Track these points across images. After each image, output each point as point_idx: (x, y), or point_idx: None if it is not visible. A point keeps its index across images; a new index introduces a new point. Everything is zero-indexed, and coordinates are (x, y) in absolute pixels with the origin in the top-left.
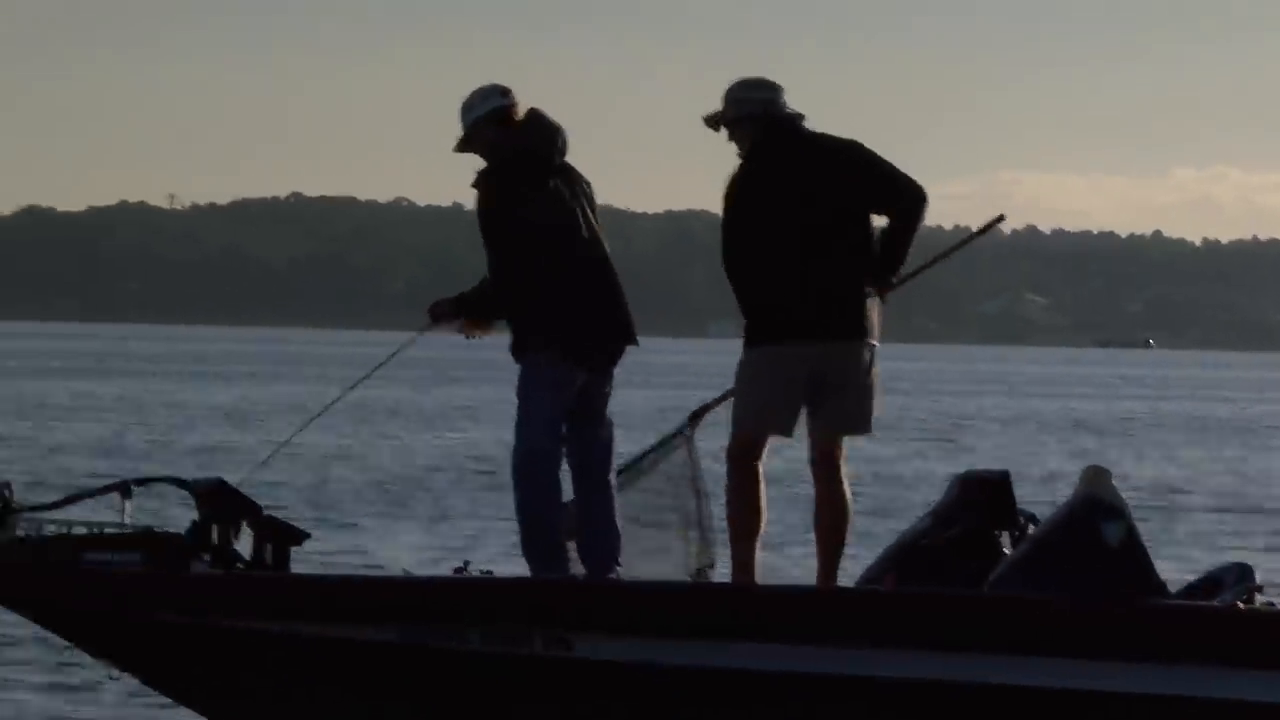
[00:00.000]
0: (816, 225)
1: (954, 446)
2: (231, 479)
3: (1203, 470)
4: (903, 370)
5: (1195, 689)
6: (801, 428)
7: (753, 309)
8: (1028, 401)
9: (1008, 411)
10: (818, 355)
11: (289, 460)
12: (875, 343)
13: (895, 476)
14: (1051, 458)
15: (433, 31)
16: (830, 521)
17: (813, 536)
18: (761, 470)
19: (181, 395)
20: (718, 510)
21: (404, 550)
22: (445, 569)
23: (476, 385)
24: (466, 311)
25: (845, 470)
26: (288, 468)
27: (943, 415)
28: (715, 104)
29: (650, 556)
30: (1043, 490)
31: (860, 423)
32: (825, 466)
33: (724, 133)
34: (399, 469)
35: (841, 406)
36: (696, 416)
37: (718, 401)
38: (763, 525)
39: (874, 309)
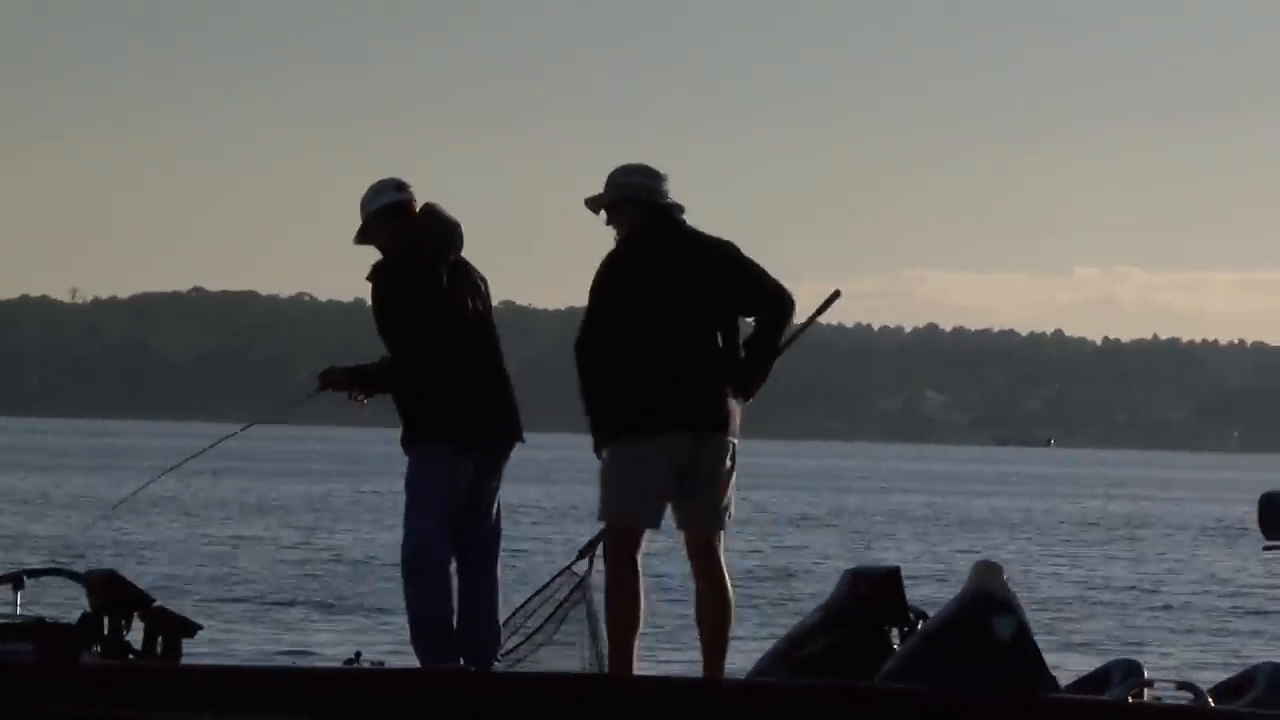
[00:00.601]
0: (686, 318)
1: (850, 540)
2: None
3: (1094, 567)
4: (799, 467)
5: None
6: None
7: (618, 400)
8: (921, 497)
9: (901, 506)
10: (688, 446)
11: (186, 549)
12: (736, 440)
13: (785, 570)
14: (943, 553)
15: (336, 126)
16: (713, 613)
17: (695, 629)
18: (639, 562)
19: (80, 486)
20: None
21: (293, 643)
22: (337, 660)
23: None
24: (360, 384)
25: (724, 560)
26: (185, 557)
27: (837, 511)
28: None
29: None
30: (935, 586)
31: (718, 518)
32: (704, 558)
33: (604, 217)
34: (299, 560)
35: (705, 501)
36: (589, 549)
37: (601, 536)
38: (643, 617)
39: (736, 409)
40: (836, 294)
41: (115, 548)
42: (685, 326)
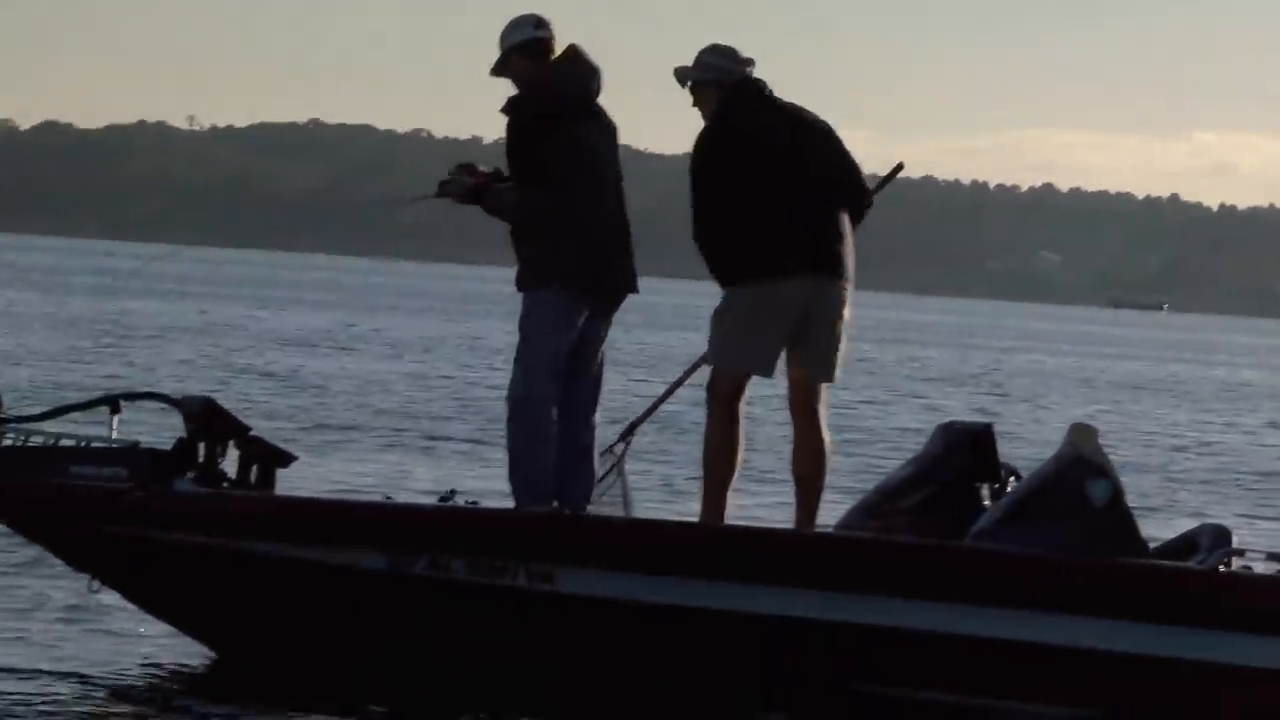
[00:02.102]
0: (798, 173)
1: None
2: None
3: (1192, 433)
4: (906, 320)
5: (1175, 650)
6: (780, 372)
7: (738, 249)
8: (1028, 357)
9: (1006, 366)
10: (807, 290)
11: (281, 380)
12: (850, 286)
13: (874, 428)
14: (1044, 413)
15: None
16: (808, 467)
17: (789, 480)
18: (742, 411)
19: (183, 315)
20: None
21: (390, 477)
22: (431, 498)
23: (469, 319)
24: (481, 201)
25: (825, 415)
26: (281, 388)
27: (936, 366)
28: (763, 26)
29: None
30: (1028, 446)
31: (830, 369)
32: (805, 411)
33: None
34: (391, 395)
35: (821, 349)
36: (628, 433)
37: (648, 414)
38: (738, 468)
39: (851, 252)
40: (899, 167)
41: (212, 374)
42: (793, 182)
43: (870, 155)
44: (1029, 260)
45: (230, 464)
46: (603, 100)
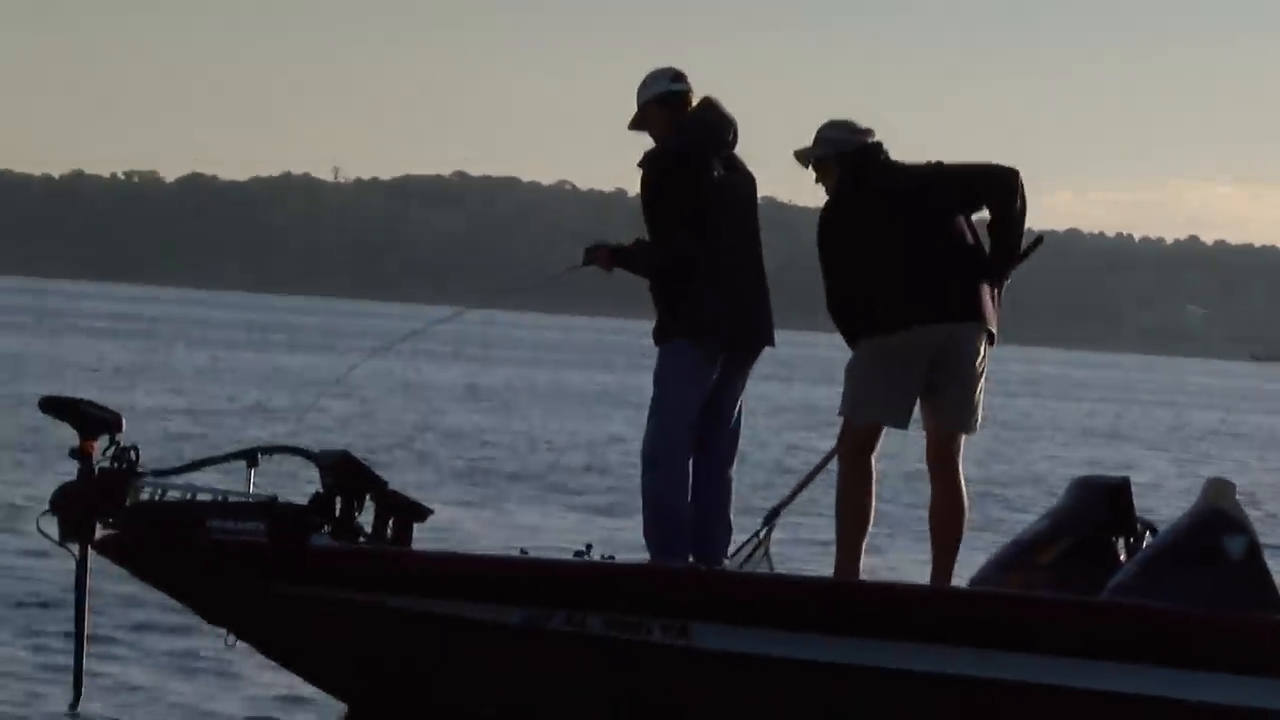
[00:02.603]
0: (920, 227)
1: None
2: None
3: None
4: (1051, 374)
5: None
6: (916, 424)
7: (869, 305)
8: (1165, 411)
9: (1142, 418)
10: (939, 338)
11: (423, 434)
12: (993, 329)
13: (1016, 476)
14: (1183, 468)
15: (604, 18)
16: (946, 521)
17: (925, 532)
18: (874, 466)
19: (321, 368)
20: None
21: (523, 531)
22: (566, 553)
23: (605, 370)
24: (623, 263)
25: (962, 468)
26: (421, 441)
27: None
28: (904, 75)
29: None
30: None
31: (969, 419)
32: (942, 463)
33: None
34: (526, 448)
35: (957, 398)
36: (773, 517)
37: (791, 497)
38: (871, 522)
39: (989, 298)
40: (1039, 240)
41: (345, 427)
42: (921, 233)
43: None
44: (1175, 314)
45: (367, 518)
46: (742, 152)
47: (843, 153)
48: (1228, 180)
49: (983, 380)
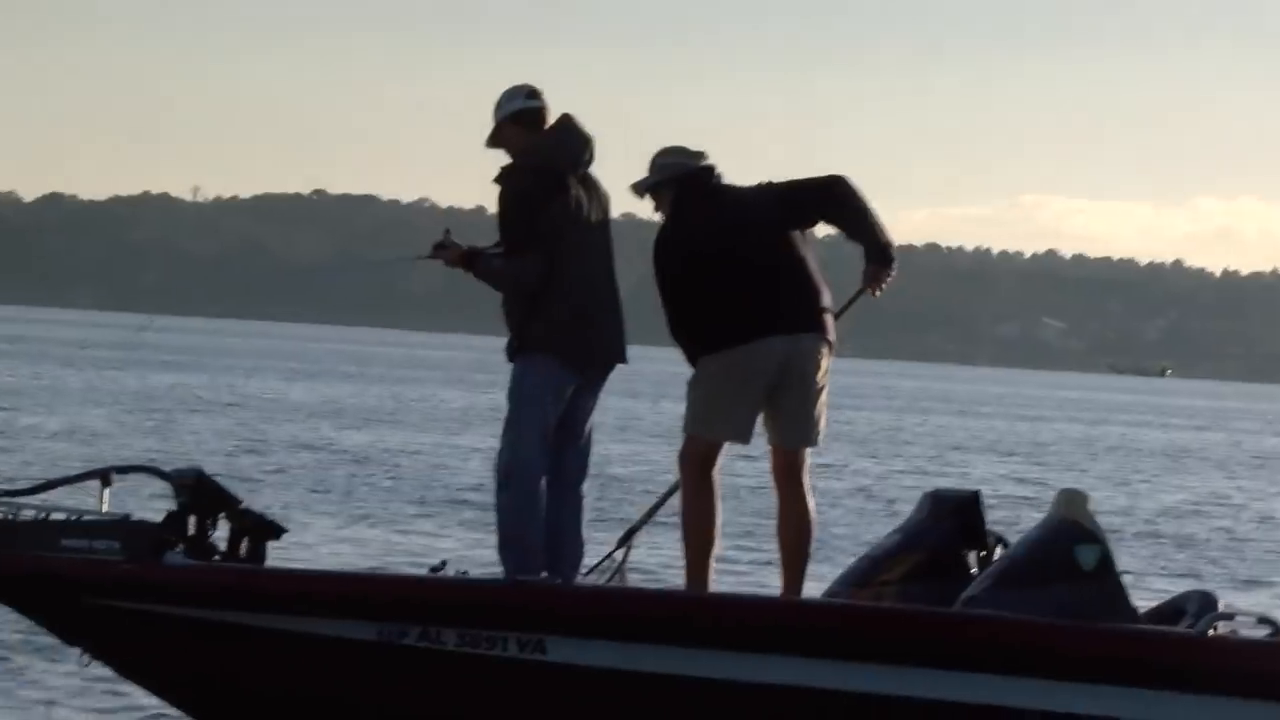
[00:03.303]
0: (754, 244)
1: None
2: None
3: (1182, 497)
4: (909, 388)
5: (1165, 715)
6: (760, 438)
7: (703, 324)
8: (1021, 424)
9: (997, 430)
10: (779, 351)
11: (274, 452)
12: (832, 339)
13: (878, 493)
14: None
15: (465, 34)
16: (794, 534)
17: (775, 548)
18: (718, 479)
19: (182, 386)
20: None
21: (378, 548)
22: (421, 568)
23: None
24: (473, 266)
25: (808, 481)
26: (272, 459)
27: (932, 432)
28: (763, 105)
29: None
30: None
31: (811, 432)
32: (788, 477)
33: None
34: (382, 465)
35: (799, 411)
36: (627, 538)
37: (647, 517)
38: (718, 536)
39: (827, 310)
40: (862, 290)
41: (204, 445)
42: (755, 251)
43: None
44: (1032, 327)
45: (222, 536)
46: (599, 170)
47: (675, 177)
48: (1086, 195)
49: (824, 392)
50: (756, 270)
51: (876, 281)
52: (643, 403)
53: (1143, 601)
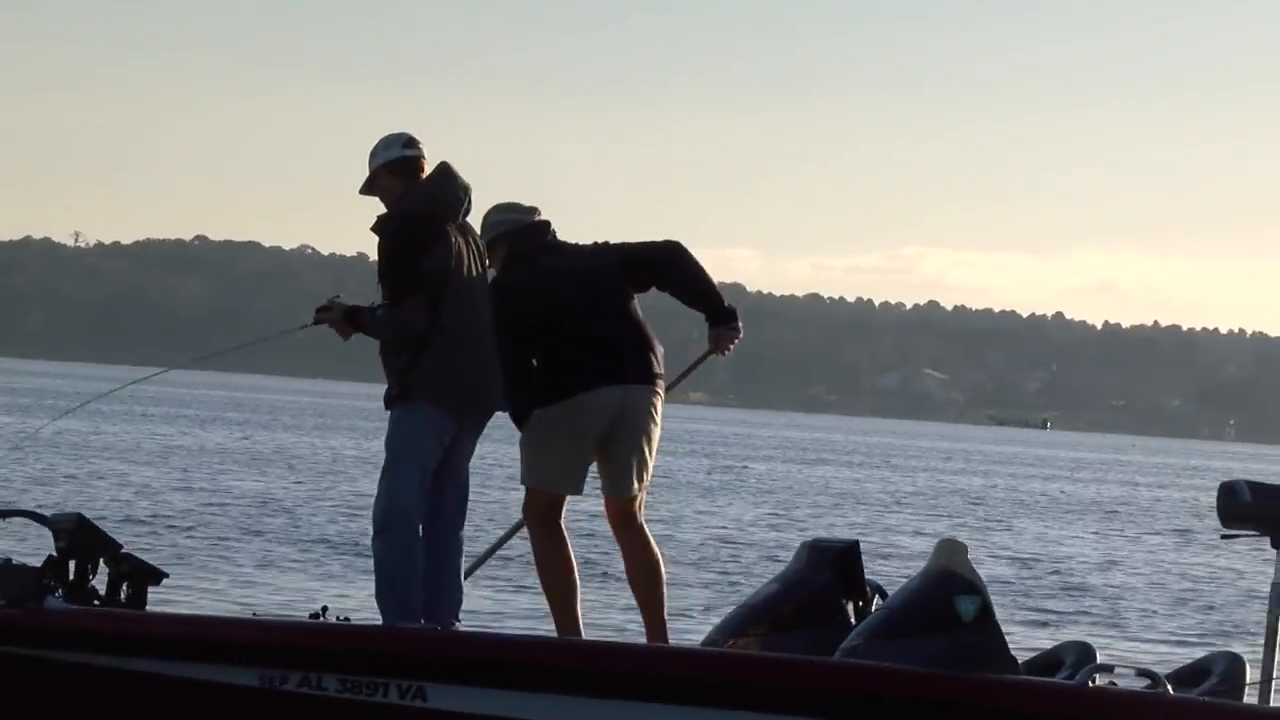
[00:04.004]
0: (585, 300)
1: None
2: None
3: (1064, 548)
4: (788, 438)
5: None
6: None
7: (547, 373)
8: (900, 474)
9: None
10: (611, 401)
11: (154, 497)
12: (662, 391)
13: (751, 541)
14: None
15: (345, 77)
16: (643, 579)
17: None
18: (564, 526)
19: (64, 431)
20: None
21: (262, 594)
22: (301, 614)
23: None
24: (356, 324)
25: (644, 522)
26: (152, 504)
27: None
28: (637, 150)
29: None
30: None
31: (629, 483)
32: (625, 525)
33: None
34: (265, 510)
35: (631, 460)
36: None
37: (481, 562)
38: (577, 580)
39: (657, 363)
40: (709, 354)
41: (84, 490)
42: (587, 306)
43: (757, 273)
44: (914, 378)
45: (101, 581)
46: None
47: (507, 233)
48: (968, 246)
49: (656, 439)
50: (592, 322)
51: (724, 343)
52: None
53: (1021, 652)
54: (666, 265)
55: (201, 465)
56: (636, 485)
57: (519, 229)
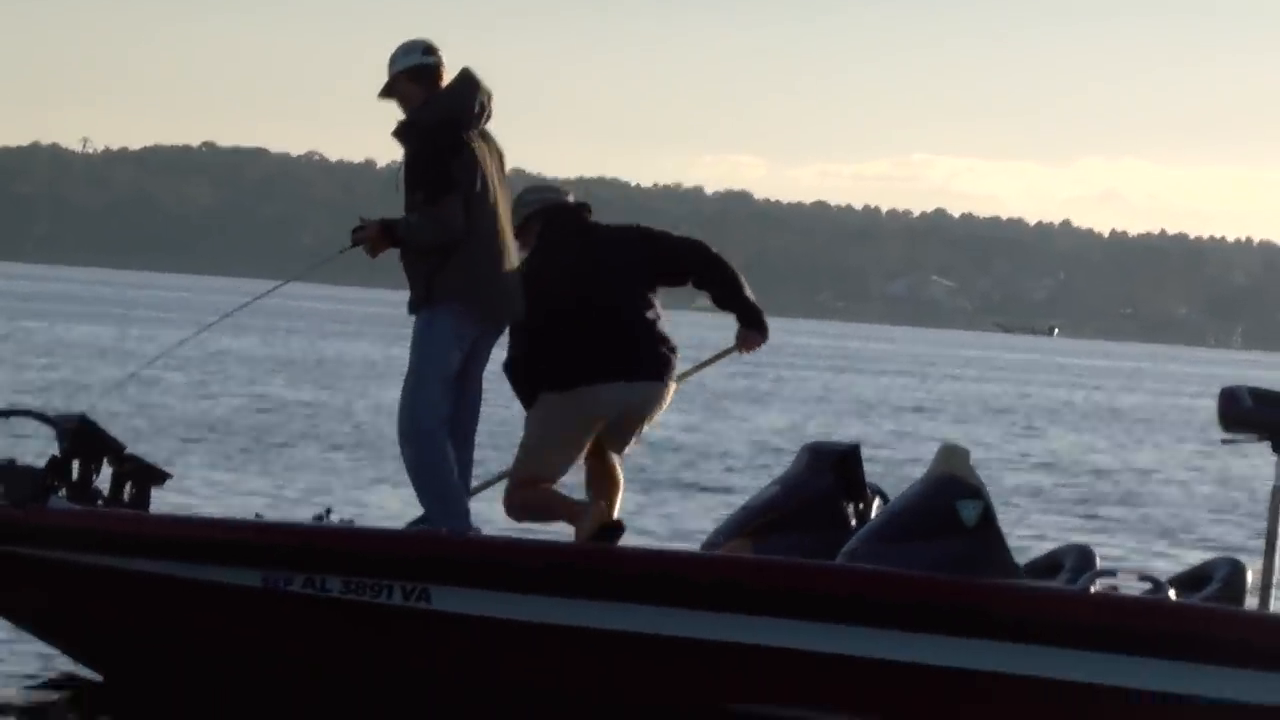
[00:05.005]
0: (615, 286)
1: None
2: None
3: (1065, 454)
4: (797, 345)
5: (1050, 671)
6: None
7: (564, 357)
8: (906, 379)
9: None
10: (623, 398)
11: (159, 398)
12: (673, 385)
13: (761, 444)
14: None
15: None
16: (608, 490)
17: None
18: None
19: (72, 335)
20: None
21: (267, 495)
22: (305, 516)
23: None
24: (391, 234)
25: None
26: (159, 406)
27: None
28: (644, 58)
29: None
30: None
31: (623, 446)
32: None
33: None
34: (269, 415)
35: (628, 437)
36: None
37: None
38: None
39: (672, 355)
40: (730, 351)
41: (91, 391)
42: (615, 293)
43: (764, 179)
44: (921, 285)
45: (105, 482)
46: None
47: (538, 212)
48: (976, 154)
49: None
50: (612, 315)
51: (751, 345)
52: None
53: (1021, 556)
54: (702, 269)
55: (209, 368)
56: (626, 450)
57: (551, 209)
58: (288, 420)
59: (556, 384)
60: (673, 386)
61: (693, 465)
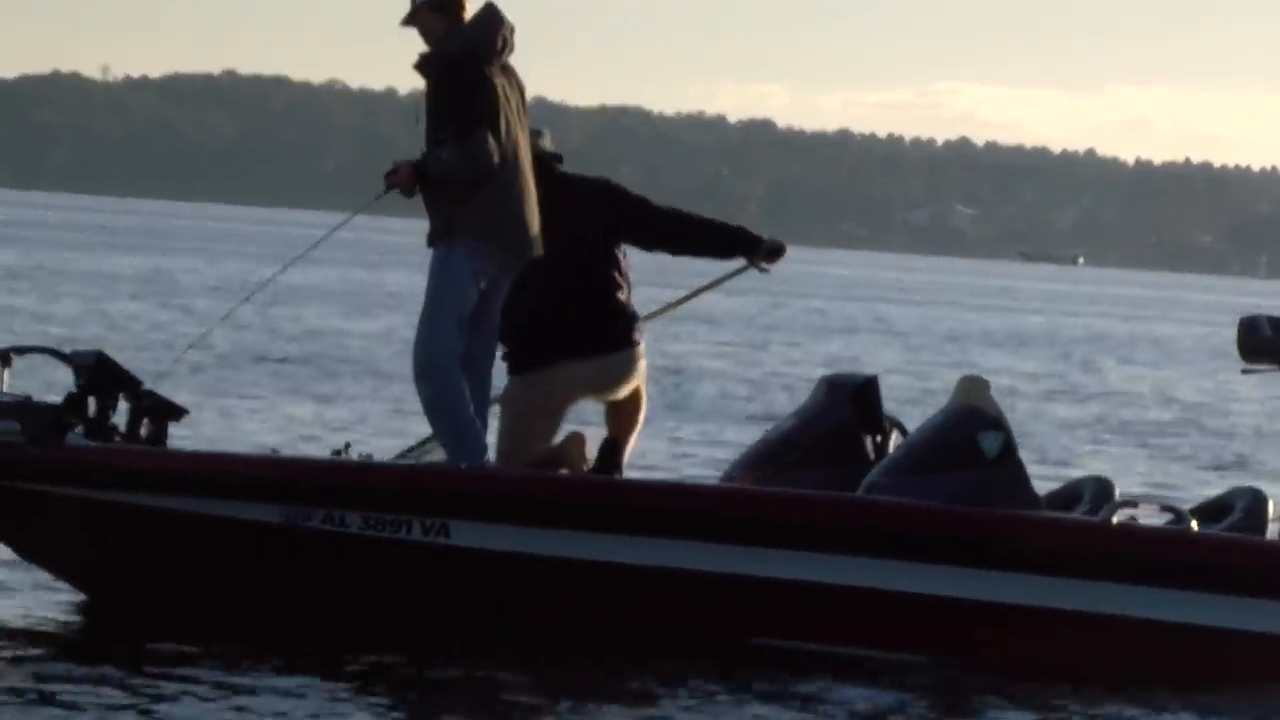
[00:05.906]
0: (579, 252)
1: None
2: (141, 365)
3: (1087, 384)
4: (822, 275)
5: (1072, 602)
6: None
7: (532, 333)
8: (931, 310)
9: (904, 317)
10: (587, 375)
11: (178, 333)
12: (641, 347)
13: (777, 376)
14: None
15: None
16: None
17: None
18: None
19: (89, 266)
20: None
21: (281, 430)
22: (324, 450)
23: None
24: (422, 173)
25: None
26: (177, 340)
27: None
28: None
29: None
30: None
31: (636, 421)
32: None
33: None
34: (287, 346)
35: (622, 411)
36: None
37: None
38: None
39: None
40: (746, 268)
41: (108, 326)
42: (582, 259)
43: (787, 108)
44: (945, 214)
45: (122, 418)
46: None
47: None
48: (1000, 82)
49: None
50: (565, 287)
51: (772, 259)
52: None
53: (1041, 487)
54: (678, 241)
55: (228, 298)
56: (633, 425)
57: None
58: (301, 351)
59: (524, 366)
60: (640, 351)
61: (727, 395)
